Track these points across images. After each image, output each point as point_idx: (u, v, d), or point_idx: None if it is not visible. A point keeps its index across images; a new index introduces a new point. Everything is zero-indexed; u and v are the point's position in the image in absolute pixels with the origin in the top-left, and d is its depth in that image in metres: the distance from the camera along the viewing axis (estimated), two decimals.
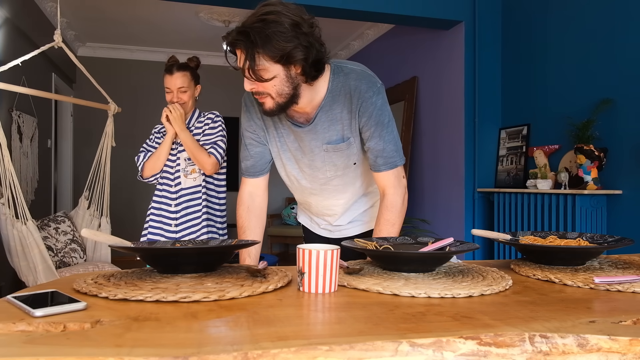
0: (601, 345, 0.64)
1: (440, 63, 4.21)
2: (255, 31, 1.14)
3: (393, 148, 1.36)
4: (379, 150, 1.35)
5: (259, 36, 1.14)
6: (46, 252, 2.96)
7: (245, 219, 1.46)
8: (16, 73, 3.54)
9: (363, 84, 1.31)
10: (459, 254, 1.01)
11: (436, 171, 4.24)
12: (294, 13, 1.17)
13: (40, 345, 0.59)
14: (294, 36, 1.16)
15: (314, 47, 1.20)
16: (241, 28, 1.17)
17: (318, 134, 1.36)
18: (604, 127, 2.87)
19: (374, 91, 1.31)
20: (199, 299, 0.81)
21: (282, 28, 1.14)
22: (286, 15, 1.15)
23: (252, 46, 1.15)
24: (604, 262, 1.18)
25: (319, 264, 0.87)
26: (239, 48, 1.18)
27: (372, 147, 1.35)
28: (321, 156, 1.40)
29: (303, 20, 1.18)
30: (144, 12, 5.07)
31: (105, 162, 3.59)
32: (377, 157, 1.36)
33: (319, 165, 1.42)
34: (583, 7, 3.08)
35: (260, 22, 1.15)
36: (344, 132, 1.35)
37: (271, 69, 1.19)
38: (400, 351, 0.61)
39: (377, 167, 1.38)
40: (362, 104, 1.31)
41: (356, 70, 1.33)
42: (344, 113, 1.33)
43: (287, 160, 1.46)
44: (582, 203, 2.87)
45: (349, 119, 1.33)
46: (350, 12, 3.73)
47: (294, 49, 1.16)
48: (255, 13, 1.17)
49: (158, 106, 6.91)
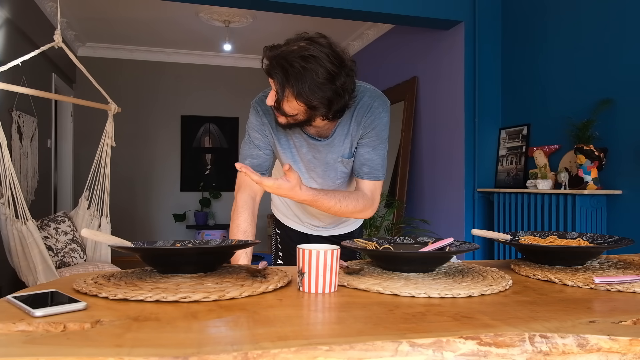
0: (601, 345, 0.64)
1: (440, 63, 4.21)
2: (292, 70, 1.17)
3: (380, 162, 1.43)
4: (367, 159, 1.42)
5: (294, 77, 1.17)
6: (46, 252, 2.96)
7: (250, 225, 1.44)
8: (16, 73, 3.54)
9: (376, 101, 1.39)
10: (459, 254, 1.01)
11: (436, 171, 4.24)
12: (335, 61, 1.20)
13: (40, 345, 0.59)
14: (325, 89, 1.19)
15: (342, 98, 1.25)
16: (282, 60, 1.18)
17: (335, 147, 1.42)
18: (604, 127, 2.87)
19: (384, 108, 1.39)
20: (199, 299, 0.81)
21: (316, 78, 1.17)
22: (325, 65, 1.18)
23: (285, 82, 1.19)
24: (604, 262, 1.18)
25: (319, 264, 0.87)
26: (273, 79, 1.22)
27: (363, 154, 1.42)
28: (335, 167, 1.46)
29: (340, 70, 1.21)
30: (144, 12, 5.07)
31: (105, 162, 3.59)
32: (364, 165, 1.42)
33: (331, 176, 1.49)
34: (583, 7, 3.08)
35: (299, 64, 1.16)
36: (353, 143, 1.42)
37: (294, 105, 1.23)
38: (400, 351, 0.61)
39: (361, 174, 1.44)
40: (371, 117, 1.38)
41: (370, 89, 1.41)
42: (354, 126, 1.40)
43: (297, 169, 1.48)
44: (582, 203, 2.87)
45: (357, 131, 1.40)
46: (350, 12, 3.73)
47: (319, 104, 1.21)
48: (300, 48, 1.18)
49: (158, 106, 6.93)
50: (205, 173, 6.68)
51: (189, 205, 6.55)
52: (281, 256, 1.77)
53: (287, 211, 1.73)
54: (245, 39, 5.86)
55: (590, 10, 3.03)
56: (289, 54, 1.18)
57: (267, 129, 1.43)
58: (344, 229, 1.72)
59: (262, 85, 1.44)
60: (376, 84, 1.44)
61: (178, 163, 6.58)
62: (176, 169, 6.58)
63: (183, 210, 6.51)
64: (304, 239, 1.69)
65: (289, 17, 4.89)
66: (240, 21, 5.20)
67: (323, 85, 1.18)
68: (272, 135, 1.44)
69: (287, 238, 1.75)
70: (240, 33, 5.63)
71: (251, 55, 6.54)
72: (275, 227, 1.80)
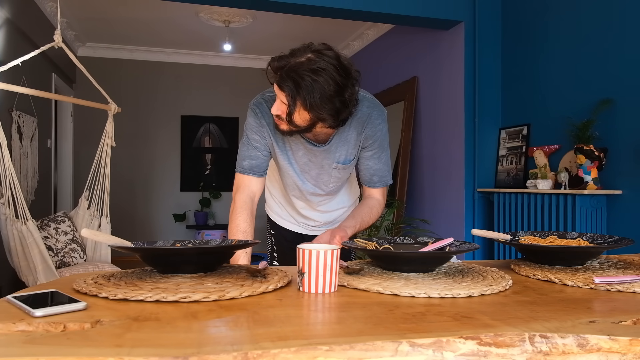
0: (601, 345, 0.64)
1: (440, 63, 4.21)
2: (304, 84, 1.19)
3: (387, 169, 1.52)
4: (376, 170, 1.50)
5: (305, 90, 1.19)
6: (46, 252, 2.96)
7: (249, 225, 1.44)
8: (16, 73, 3.54)
9: (375, 112, 1.43)
10: (459, 254, 1.01)
11: (436, 171, 4.24)
12: (342, 72, 1.22)
13: (40, 345, 0.59)
14: (334, 100, 1.22)
15: (347, 109, 1.28)
16: (292, 72, 1.19)
17: (331, 153, 1.45)
18: (603, 127, 2.87)
19: (382, 119, 1.44)
20: (199, 299, 0.81)
21: (327, 91, 1.19)
22: (334, 78, 1.20)
23: (296, 95, 1.21)
24: (604, 262, 1.18)
25: (319, 264, 0.87)
26: (283, 91, 1.23)
27: (371, 166, 1.49)
28: (329, 172, 1.50)
29: (347, 82, 1.23)
30: (144, 12, 5.07)
31: (105, 162, 3.59)
32: (374, 176, 1.51)
33: (325, 179, 1.53)
34: (583, 7, 3.08)
35: (309, 77, 1.18)
36: (350, 151, 1.46)
37: (303, 115, 1.25)
38: (400, 351, 0.61)
39: (372, 184, 1.53)
40: (371, 128, 1.43)
41: (368, 98, 1.44)
42: (353, 135, 1.43)
43: (292, 172, 1.51)
44: (582, 203, 2.87)
45: (355, 140, 1.44)
46: (350, 12, 3.73)
47: (327, 115, 1.24)
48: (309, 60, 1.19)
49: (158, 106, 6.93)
50: (205, 173, 6.68)
51: (189, 205, 6.55)
52: (277, 257, 1.77)
53: (281, 212, 1.73)
54: (245, 39, 5.86)
55: (590, 10, 3.03)
56: (299, 66, 1.19)
57: (266, 130, 1.44)
58: None
59: (261, 85, 1.43)
60: (376, 84, 1.45)
61: (178, 163, 6.58)
62: (176, 169, 6.58)
63: (183, 210, 6.51)
64: (299, 239, 1.70)
65: (289, 17, 4.89)
66: (240, 21, 5.20)
67: (332, 98, 1.21)
68: (270, 137, 1.45)
69: (282, 238, 1.75)
70: (240, 33, 5.63)
71: (251, 55, 6.54)
72: (270, 228, 1.80)
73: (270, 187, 1.74)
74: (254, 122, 1.44)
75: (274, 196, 1.74)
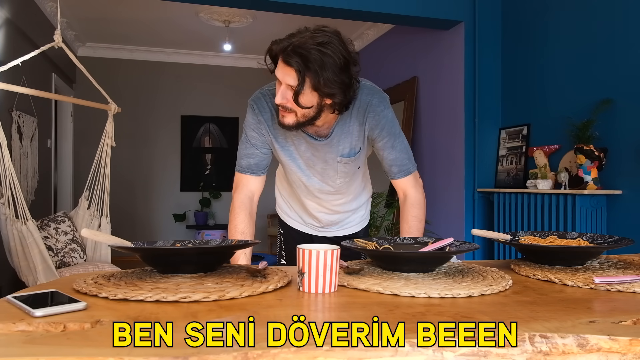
0: (601, 345, 0.64)
1: (440, 63, 4.21)
2: (312, 57, 1.15)
3: (405, 156, 1.43)
4: (392, 160, 1.42)
5: (315, 64, 1.15)
6: (46, 252, 2.95)
7: (248, 225, 1.43)
8: (16, 73, 3.53)
9: (375, 99, 1.36)
10: (459, 254, 1.01)
11: (436, 171, 4.24)
12: (346, 49, 1.20)
13: (40, 345, 0.59)
14: (342, 76, 1.19)
15: (353, 88, 1.25)
16: (298, 48, 1.16)
17: (333, 147, 1.40)
18: (603, 127, 2.87)
19: (384, 105, 1.37)
20: (199, 299, 0.81)
21: (335, 65, 1.17)
22: (340, 52, 1.17)
23: (306, 71, 1.16)
24: (604, 262, 1.18)
25: (319, 264, 0.87)
26: (292, 67, 1.17)
27: (386, 156, 1.42)
28: (334, 166, 1.45)
29: (351, 58, 1.20)
30: (144, 12, 5.07)
31: (105, 162, 3.59)
32: (392, 166, 1.43)
33: (331, 174, 1.47)
34: (583, 7, 3.08)
35: (317, 50, 1.15)
36: (354, 143, 1.41)
37: (310, 96, 1.21)
38: (400, 351, 0.61)
39: (393, 174, 1.45)
40: (374, 117, 1.36)
41: (367, 85, 1.38)
42: (355, 126, 1.38)
43: (296, 168, 1.47)
44: (582, 203, 2.87)
45: (358, 131, 1.39)
46: (350, 12, 3.73)
47: (338, 91, 1.20)
48: (312, 36, 1.17)
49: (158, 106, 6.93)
50: (205, 173, 6.68)
51: (189, 205, 6.55)
52: (284, 256, 1.77)
53: (290, 212, 1.72)
54: (245, 39, 5.86)
55: (590, 10, 3.03)
56: (304, 43, 1.16)
57: (264, 127, 1.41)
58: (349, 230, 1.70)
59: (261, 85, 1.43)
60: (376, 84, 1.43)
61: (178, 163, 6.58)
62: (176, 169, 6.58)
63: (183, 210, 6.51)
64: (307, 239, 1.68)
65: (289, 17, 4.89)
66: (240, 21, 5.20)
67: (341, 72, 1.18)
68: (268, 133, 1.41)
69: (291, 238, 1.74)
70: (240, 33, 5.63)
71: (251, 55, 6.54)
72: (280, 227, 1.80)
73: (280, 186, 1.72)
74: (252, 119, 1.42)
75: (283, 195, 1.71)
